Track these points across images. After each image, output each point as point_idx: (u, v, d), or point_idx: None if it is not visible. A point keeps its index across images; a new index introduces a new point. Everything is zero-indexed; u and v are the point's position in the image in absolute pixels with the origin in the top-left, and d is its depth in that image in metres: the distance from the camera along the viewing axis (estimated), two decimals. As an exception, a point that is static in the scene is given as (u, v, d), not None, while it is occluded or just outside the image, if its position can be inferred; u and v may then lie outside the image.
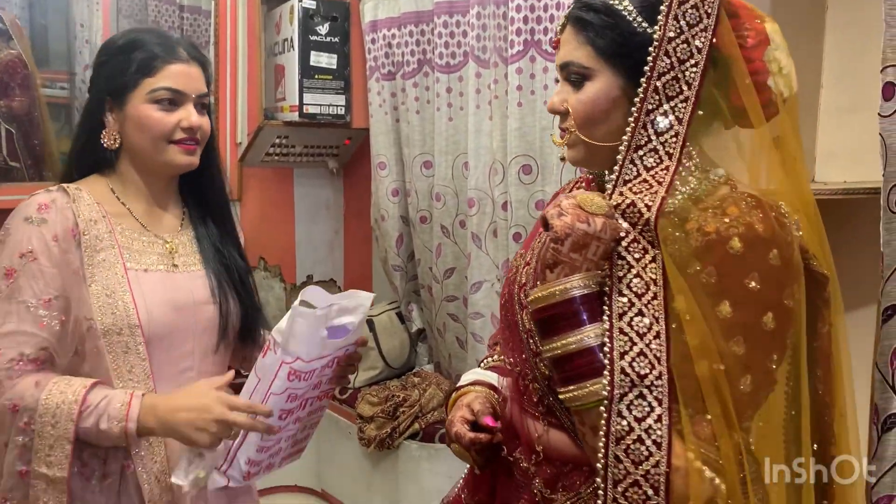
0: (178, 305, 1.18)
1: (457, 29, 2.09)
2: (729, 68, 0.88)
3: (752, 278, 0.82)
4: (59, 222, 1.13)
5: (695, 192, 0.88)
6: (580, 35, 0.91)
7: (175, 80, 1.17)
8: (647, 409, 0.80)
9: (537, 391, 0.97)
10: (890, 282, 1.21)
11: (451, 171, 2.18)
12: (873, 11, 1.17)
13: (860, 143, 1.29)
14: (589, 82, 0.91)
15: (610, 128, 0.91)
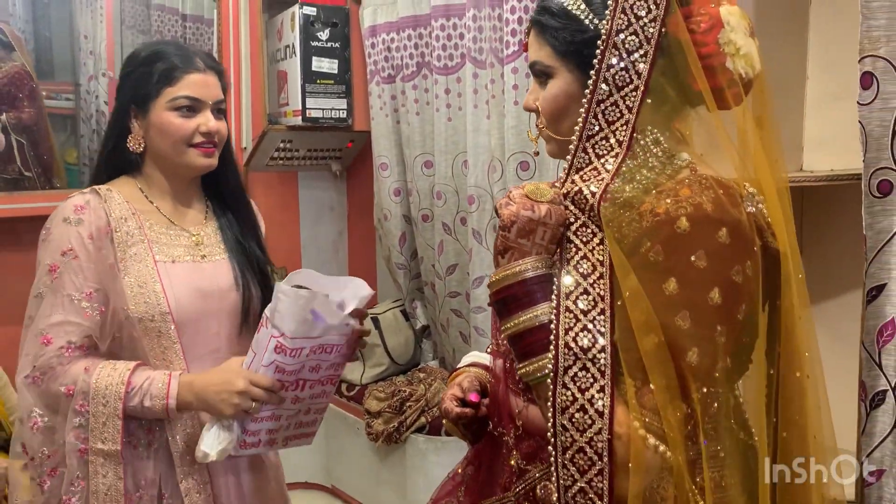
0: (204, 292, 1.29)
1: (454, 31, 2.15)
2: (684, 55, 0.92)
3: (698, 256, 0.85)
4: (94, 221, 1.25)
5: (657, 178, 0.92)
6: (540, 37, 0.96)
7: (193, 88, 1.27)
8: (591, 380, 0.85)
9: (516, 369, 1.01)
10: (873, 263, 1.25)
11: (451, 170, 2.23)
12: (854, 3, 1.21)
13: (846, 131, 1.33)
14: (551, 80, 0.96)
15: (573, 122, 0.95)
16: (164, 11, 2.68)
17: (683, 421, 0.86)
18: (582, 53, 0.93)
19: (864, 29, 1.20)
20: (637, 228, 0.88)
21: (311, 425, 1.31)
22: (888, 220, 1.23)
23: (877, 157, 1.22)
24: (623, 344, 0.85)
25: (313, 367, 1.20)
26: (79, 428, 1.19)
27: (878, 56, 1.20)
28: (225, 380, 1.17)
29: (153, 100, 1.27)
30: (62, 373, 1.20)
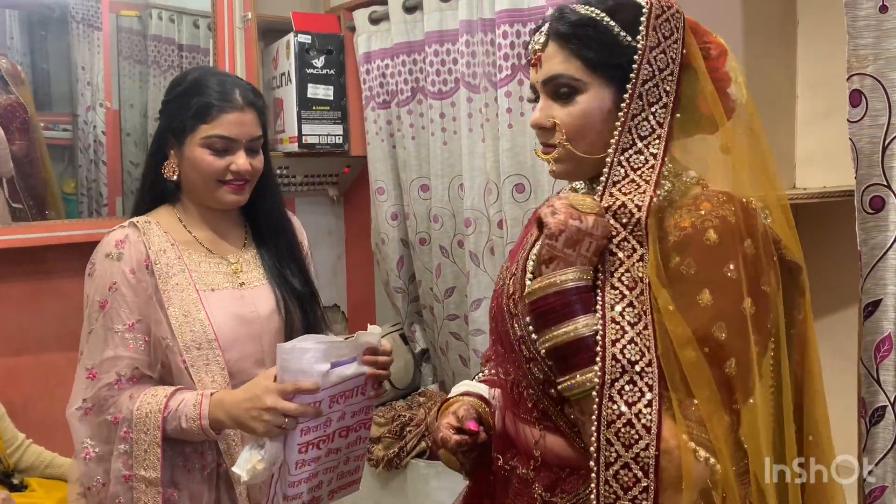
0: (245, 319, 1.31)
1: (447, 57, 2.17)
2: (696, 77, 0.95)
3: (729, 267, 0.87)
4: (134, 255, 1.29)
5: (670, 194, 0.94)
6: (566, 49, 0.95)
7: (227, 128, 1.28)
8: (638, 394, 0.84)
9: (531, 397, 0.99)
10: (869, 279, 1.26)
11: (448, 193, 2.24)
12: (841, 22, 1.23)
13: (837, 148, 1.35)
14: (580, 95, 0.94)
15: (599, 138, 0.95)
16: (161, 42, 2.71)
17: (728, 431, 0.86)
18: (616, 67, 0.94)
19: (852, 48, 1.23)
20: (665, 243, 0.89)
21: (355, 472, 1.29)
22: (882, 235, 1.25)
23: (868, 173, 1.24)
24: (665, 359, 0.84)
25: (340, 415, 1.17)
26: (124, 454, 1.22)
27: (866, 74, 1.22)
28: (252, 395, 1.16)
29: (188, 134, 1.29)
30: (112, 403, 1.24)
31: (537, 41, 0.99)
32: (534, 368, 0.98)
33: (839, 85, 1.26)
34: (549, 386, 0.96)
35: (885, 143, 1.22)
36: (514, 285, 1.03)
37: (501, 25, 1.92)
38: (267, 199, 1.40)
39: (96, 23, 2.54)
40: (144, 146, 2.67)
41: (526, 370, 0.99)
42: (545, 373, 0.96)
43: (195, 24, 2.71)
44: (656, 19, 0.93)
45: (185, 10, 2.70)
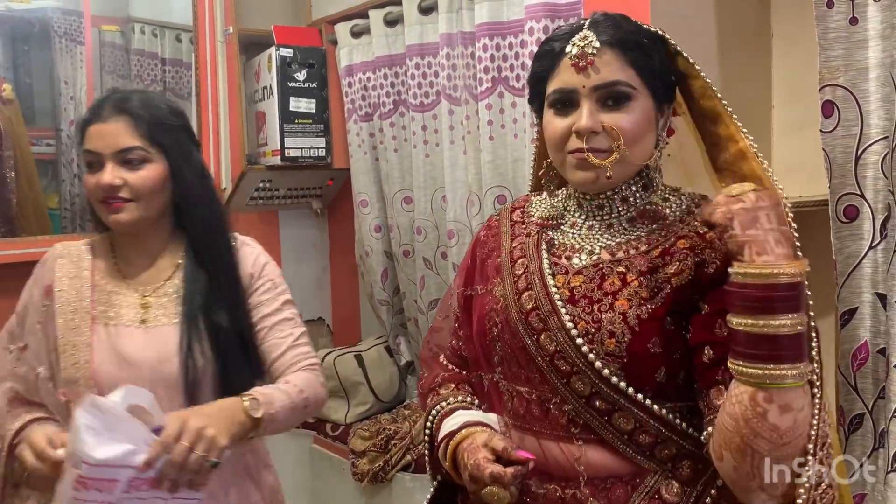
0: (130, 361, 1.19)
1: (428, 70, 2.18)
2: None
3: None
4: (45, 278, 1.26)
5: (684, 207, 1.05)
6: (625, 56, 0.97)
7: (91, 141, 1.20)
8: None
9: (567, 413, 0.97)
10: (844, 288, 1.27)
11: (431, 205, 2.24)
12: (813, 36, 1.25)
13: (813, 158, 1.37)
14: (633, 102, 0.97)
15: (645, 147, 1.00)
16: (144, 56, 2.71)
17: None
18: (661, 81, 1.00)
19: (823, 59, 1.24)
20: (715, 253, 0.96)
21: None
22: (856, 244, 1.26)
23: (841, 182, 1.25)
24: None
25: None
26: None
27: (838, 85, 1.24)
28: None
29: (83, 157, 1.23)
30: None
31: (588, 44, 0.97)
32: (576, 383, 0.96)
33: (814, 96, 1.28)
34: (596, 398, 0.95)
35: (857, 153, 1.24)
36: (533, 300, 1.01)
37: (481, 38, 1.93)
38: (195, 223, 1.26)
39: (79, 37, 2.53)
40: (127, 160, 2.67)
41: (560, 385, 0.97)
42: (593, 384, 0.95)
43: (178, 39, 2.71)
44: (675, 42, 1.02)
45: (168, 25, 2.70)
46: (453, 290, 1.21)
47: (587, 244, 1.04)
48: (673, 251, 0.98)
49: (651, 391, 0.95)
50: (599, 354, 0.95)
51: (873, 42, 1.21)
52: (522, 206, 1.17)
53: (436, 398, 1.14)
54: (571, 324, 0.97)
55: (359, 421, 2.41)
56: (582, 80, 0.97)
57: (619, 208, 1.04)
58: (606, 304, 0.97)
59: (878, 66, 1.20)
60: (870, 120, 1.22)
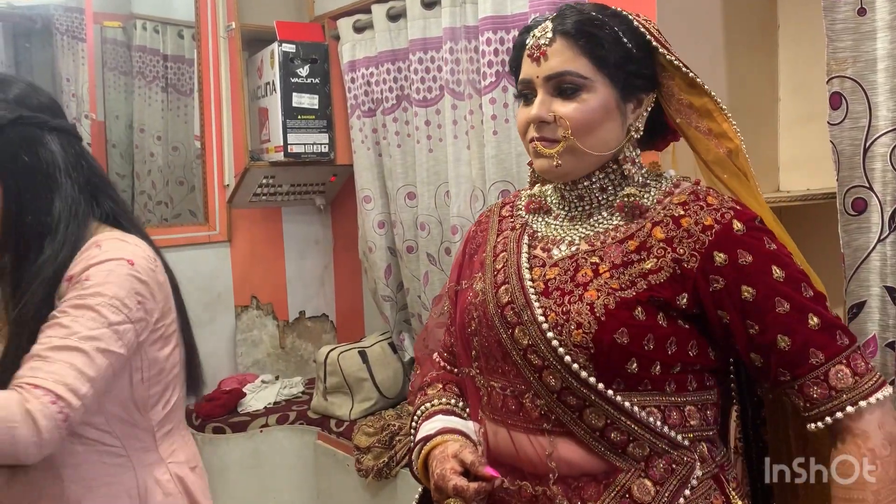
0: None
1: (431, 64, 2.17)
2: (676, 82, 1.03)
3: (766, 242, 0.95)
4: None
5: (662, 190, 1.02)
6: (575, 46, 0.97)
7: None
8: None
9: (540, 407, 0.97)
10: (852, 281, 1.26)
11: (434, 201, 2.23)
12: (821, 26, 1.24)
13: (820, 151, 1.36)
14: (586, 93, 0.97)
15: (601, 137, 0.99)
16: (146, 52, 2.70)
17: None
18: (620, 69, 0.98)
19: (831, 51, 1.23)
20: (693, 245, 0.95)
21: None
22: (864, 237, 1.24)
23: (849, 175, 1.24)
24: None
25: None
26: None
27: (846, 77, 1.23)
28: None
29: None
30: None
31: (542, 35, 0.99)
32: (548, 377, 0.95)
33: (820, 88, 1.26)
34: (566, 393, 0.95)
35: (865, 145, 1.22)
36: (509, 294, 1.01)
37: (485, 32, 1.92)
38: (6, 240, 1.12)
39: (80, 34, 2.53)
40: (130, 158, 2.66)
41: (533, 379, 0.97)
42: (563, 378, 0.94)
43: (180, 35, 2.71)
44: (657, 31, 1.00)
45: (170, 21, 2.70)
46: (447, 287, 1.21)
47: (567, 235, 1.05)
48: (650, 245, 0.97)
49: (623, 384, 0.94)
50: (568, 346, 0.94)
51: (882, 33, 1.19)
52: (512, 201, 1.18)
53: (422, 398, 1.14)
54: (543, 317, 0.96)
55: (363, 417, 2.40)
56: (536, 70, 0.99)
57: (598, 197, 1.05)
58: (577, 296, 0.96)
59: (887, 56, 1.19)
60: (878, 112, 1.20)
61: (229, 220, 2.65)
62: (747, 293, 0.93)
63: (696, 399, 0.98)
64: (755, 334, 0.94)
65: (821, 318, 0.92)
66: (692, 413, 0.98)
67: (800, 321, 0.92)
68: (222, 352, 2.68)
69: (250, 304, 2.74)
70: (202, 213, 2.63)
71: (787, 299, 0.92)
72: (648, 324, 0.93)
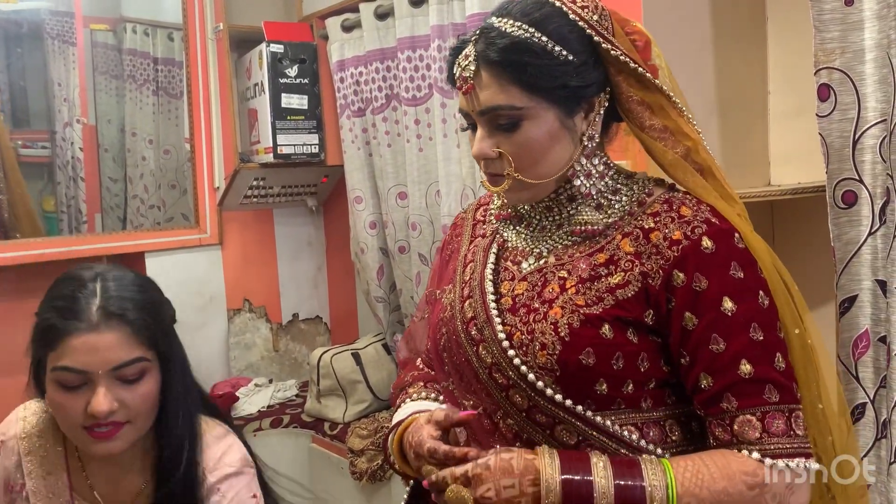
0: None
1: (420, 63, 2.15)
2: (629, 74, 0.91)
3: (734, 268, 0.87)
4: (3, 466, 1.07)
5: (634, 199, 0.94)
6: (503, 76, 0.87)
7: (75, 356, 0.96)
8: None
9: (511, 427, 0.92)
10: (843, 275, 1.24)
11: (425, 200, 2.22)
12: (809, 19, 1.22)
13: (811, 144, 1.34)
14: (524, 122, 0.88)
15: (552, 161, 0.91)
16: (136, 56, 2.69)
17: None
18: (566, 87, 0.88)
19: (818, 42, 1.21)
20: (659, 261, 0.88)
21: None
22: (855, 230, 1.23)
23: (839, 168, 1.23)
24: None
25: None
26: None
27: (834, 68, 1.21)
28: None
29: (45, 362, 0.99)
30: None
31: (465, 67, 0.89)
32: (514, 396, 0.90)
33: (810, 81, 1.25)
34: (535, 411, 0.90)
35: (855, 137, 1.21)
36: (472, 308, 0.96)
37: (472, 29, 1.90)
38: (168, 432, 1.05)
39: (71, 38, 2.52)
40: (122, 161, 2.65)
41: (501, 399, 0.92)
42: (530, 397, 0.89)
43: (170, 37, 2.69)
44: (600, 25, 0.90)
45: (160, 24, 2.68)
46: (427, 292, 1.17)
47: (536, 247, 0.98)
48: (617, 259, 0.91)
49: (594, 404, 0.89)
50: (532, 367, 0.89)
51: (869, 23, 1.18)
52: (487, 203, 1.11)
53: (403, 397, 1.10)
54: (504, 335, 0.91)
55: (357, 419, 2.39)
56: (468, 104, 0.91)
57: (567, 209, 0.97)
58: (541, 314, 0.91)
59: (875, 47, 1.17)
60: (867, 103, 1.19)
61: (220, 223, 2.63)
62: (690, 322, 0.87)
63: (677, 412, 0.92)
64: (684, 364, 0.88)
65: (755, 367, 0.84)
66: (673, 427, 0.92)
67: (729, 365, 0.85)
68: (215, 356, 2.66)
69: (243, 307, 2.72)
70: (193, 216, 2.61)
71: (726, 338, 0.85)
72: (616, 342, 0.87)
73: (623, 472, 0.83)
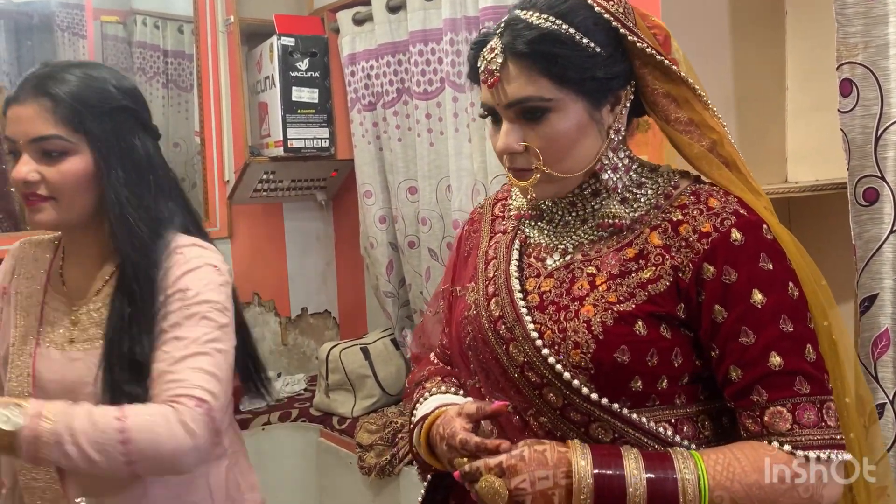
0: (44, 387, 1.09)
1: (432, 56, 2.14)
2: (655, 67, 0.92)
3: (763, 259, 0.86)
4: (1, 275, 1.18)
5: (660, 192, 0.94)
6: (532, 68, 0.86)
7: (8, 126, 1.05)
8: None
9: (544, 425, 0.91)
10: (864, 273, 1.22)
11: (436, 195, 2.20)
12: (830, 12, 1.20)
13: (829, 141, 1.32)
14: (553, 114, 0.88)
15: (580, 154, 0.90)
16: (146, 48, 2.68)
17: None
18: (595, 79, 0.88)
19: (841, 36, 1.19)
20: (689, 254, 0.87)
21: None
22: (876, 228, 1.21)
23: (861, 164, 1.21)
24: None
25: None
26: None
27: (856, 63, 1.19)
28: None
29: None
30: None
31: (492, 60, 0.89)
32: (548, 394, 0.90)
33: (829, 76, 1.23)
34: (570, 409, 0.89)
35: (877, 133, 1.19)
36: (500, 307, 0.95)
37: (486, 22, 1.89)
38: (121, 230, 1.08)
39: (81, 31, 2.51)
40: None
41: (534, 397, 0.91)
42: (565, 396, 0.89)
43: (180, 30, 2.68)
44: (625, 17, 0.90)
45: (170, 16, 2.67)
46: (440, 287, 1.15)
47: (561, 243, 0.98)
48: (647, 253, 0.90)
49: (629, 402, 0.88)
50: (566, 366, 0.88)
51: (893, 17, 1.16)
52: (505, 197, 1.10)
53: (420, 392, 1.09)
54: (536, 333, 0.91)
55: (366, 414, 2.38)
56: (495, 97, 0.90)
57: (591, 203, 0.96)
58: (573, 311, 0.90)
59: (900, 42, 1.15)
60: (890, 99, 1.17)
61: (230, 217, 2.62)
62: (719, 315, 0.86)
63: (710, 407, 0.92)
64: (714, 357, 0.88)
65: (786, 358, 0.84)
66: (706, 423, 0.92)
67: (759, 358, 0.85)
68: (224, 349, 2.66)
69: (252, 300, 2.72)
70: (203, 210, 2.61)
71: (756, 331, 0.85)
72: (650, 338, 0.87)
73: (655, 465, 0.83)
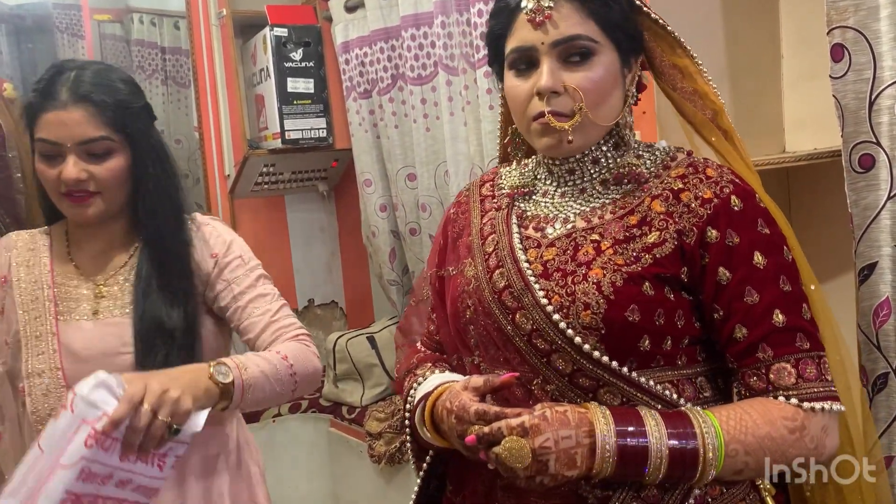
0: (79, 356, 1.16)
1: (424, 40, 2.12)
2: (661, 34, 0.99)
3: (760, 224, 0.92)
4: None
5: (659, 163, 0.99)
6: (584, 8, 0.91)
7: (49, 130, 1.13)
8: None
9: (550, 393, 0.92)
10: (862, 242, 1.20)
11: (434, 181, 2.19)
12: (823, -24, 1.18)
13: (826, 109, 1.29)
14: (596, 58, 0.92)
15: (610, 106, 0.95)
16: (144, 46, 2.68)
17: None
18: (624, 31, 0.94)
19: (831, 0, 1.16)
20: (692, 219, 0.91)
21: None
22: (873, 195, 1.19)
23: (855, 130, 1.18)
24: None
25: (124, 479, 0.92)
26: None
27: (847, 27, 1.16)
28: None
29: (32, 141, 1.17)
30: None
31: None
32: (557, 361, 0.91)
33: (825, 42, 1.20)
34: (579, 375, 0.90)
35: (871, 99, 1.16)
36: (505, 278, 0.96)
37: (476, 3, 1.87)
38: (151, 211, 1.21)
39: (79, 31, 2.51)
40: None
41: (541, 365, 0.92)
42: (574, 360, 0.90)
43: (176, 26, 2.68)
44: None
45: (165, 12, 2.67)
46: (426, 272, 1.15)
47: (561, 212, 1.00)
48: (650, 219, 0.93)
49: (636, 363, 0.91)
50: (577, 329, 0.90)
51: (884, -22, 1.13)
52: (492, 178, 1.12)
53: (412, 379, 1.08)
54: (546, 300, 0.92)
55: (374, 402, 2.39)
56: (540, 36, 0.91)
57: (590, 171, 0.99)
58: (580, 275, 0.92)
59: (891, 3, 1.12)
60: (883, 62, 1.14)
61: (232, 211, 2.63)
62: (724, 276, 0.90)
63: (706, 369, 0.95)
64: (718, 319, 0.91)
65: (787, 316, 0.89)
66: (704, 384, 0.95)
67: (763, 315, 0.89)
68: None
69: (258, 294, 2.72)
70: (205, 205, 2.61)
71: (759, 291, 0.89)
72: (658, 298, 0.90)
73: (674, 422, 0.86)
